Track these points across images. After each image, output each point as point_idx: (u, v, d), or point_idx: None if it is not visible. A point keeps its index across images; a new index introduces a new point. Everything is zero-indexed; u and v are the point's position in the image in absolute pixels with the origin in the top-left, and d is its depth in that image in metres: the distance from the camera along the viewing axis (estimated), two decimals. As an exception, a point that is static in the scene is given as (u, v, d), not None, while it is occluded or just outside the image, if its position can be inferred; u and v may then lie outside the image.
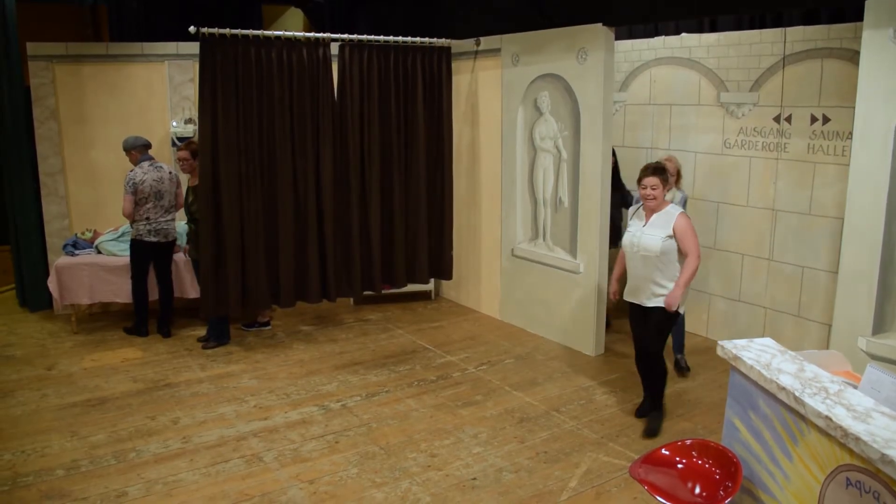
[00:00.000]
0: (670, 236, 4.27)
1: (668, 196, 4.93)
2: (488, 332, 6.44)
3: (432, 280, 7.19)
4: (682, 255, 4.31)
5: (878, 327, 4.24)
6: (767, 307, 5.68)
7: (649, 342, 4.46)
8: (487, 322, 6.72)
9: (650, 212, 4.38)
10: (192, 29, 5.28)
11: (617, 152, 6.02)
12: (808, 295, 5.39)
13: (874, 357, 4.20)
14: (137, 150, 5.98)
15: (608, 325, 6.11)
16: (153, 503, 3.69)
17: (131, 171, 5.92)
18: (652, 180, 4.31)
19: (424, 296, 7.47)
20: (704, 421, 4.63)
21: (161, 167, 6.03)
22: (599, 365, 5.63)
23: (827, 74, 5.13)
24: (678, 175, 5.53)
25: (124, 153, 6.04)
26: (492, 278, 6.87)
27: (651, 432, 4.45)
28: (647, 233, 4.34)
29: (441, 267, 6.67)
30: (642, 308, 4.47)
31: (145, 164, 5.95)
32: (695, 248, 4.28)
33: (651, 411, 4.59)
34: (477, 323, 6.72)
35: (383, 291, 6.71)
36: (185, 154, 5.83)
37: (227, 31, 5.40)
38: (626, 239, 4.46)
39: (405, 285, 6.62)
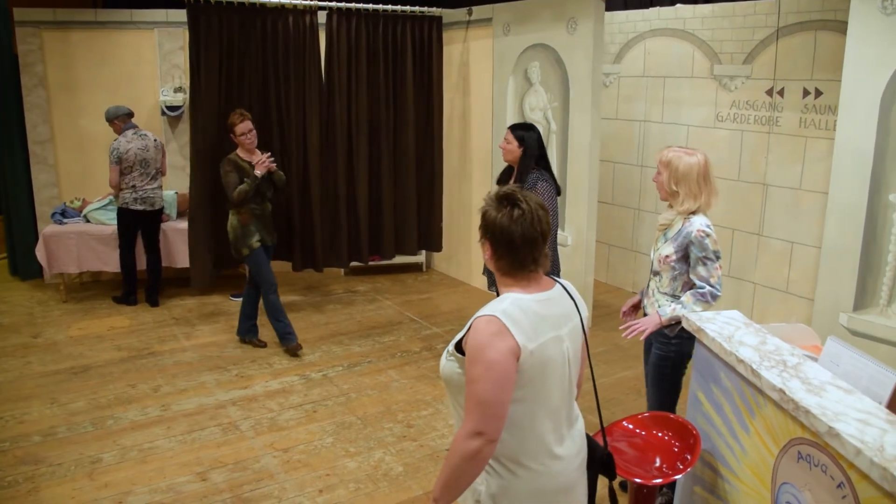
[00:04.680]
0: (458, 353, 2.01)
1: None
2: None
3: (423, 251, 7.16)
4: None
5: (860, 303, 4.19)
6: (756, 282, 5.63)
7: None
8: (477, 294, 6.69)
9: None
10: (176, -5, 5.23)
11: (607, 127, 5.91)
12: (796, 271, 5.33)
13: (855, 333, 4.16)
14: (120, 119, 5.95)
15: None
16: (127, 469, 3.72)
17: (115, 140, 5.89)
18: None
19: (415, 267, 7.45)
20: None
21: (146, 135, 5.99)
22: (585, 339, 5.60)
23: (820, 47, 5.02)
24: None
25: (107, 124, 6.01)
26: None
27: None
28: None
29: (430, 238, 6.64)
30: None
31: (129, 133, 5.92)
32: (478, 396, 1.86)
33: None
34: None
35: (371, 262, 6.69)
36: (249, 125, 4.97)
37: (211, -3, 5.34)
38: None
39: (393, 256, 6.61)
